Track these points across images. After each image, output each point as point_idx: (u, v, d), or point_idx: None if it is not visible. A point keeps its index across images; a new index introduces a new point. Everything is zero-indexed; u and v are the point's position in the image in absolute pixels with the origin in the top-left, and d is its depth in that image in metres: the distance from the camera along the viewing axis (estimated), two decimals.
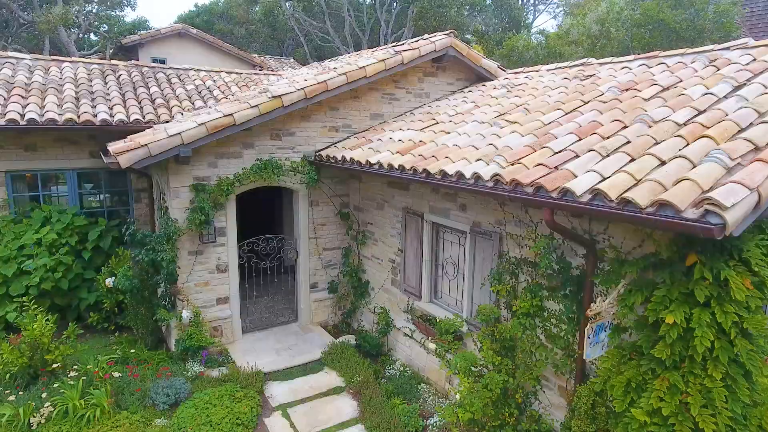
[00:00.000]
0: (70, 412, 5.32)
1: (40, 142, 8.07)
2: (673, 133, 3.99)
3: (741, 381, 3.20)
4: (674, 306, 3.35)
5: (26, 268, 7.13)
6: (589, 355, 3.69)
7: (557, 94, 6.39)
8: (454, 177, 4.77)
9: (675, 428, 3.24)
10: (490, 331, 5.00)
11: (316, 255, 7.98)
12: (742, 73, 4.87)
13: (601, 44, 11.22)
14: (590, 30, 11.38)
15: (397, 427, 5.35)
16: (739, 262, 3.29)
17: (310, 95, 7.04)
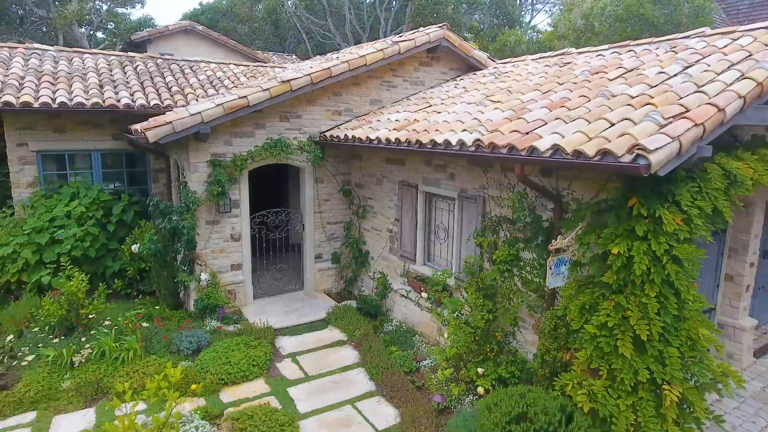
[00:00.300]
0: (106, 354, 6.07)
1: (67, 125, 8.80)
2: (625, 103, 4.74)
3: (671, 298, 3.94)
4: (619, 240, 4.09)
5: (58, 236, 7.86)
6: (551, 283, 4.43)
7: (537, 78, 7.14)
8: (443, 145, 5.51)
9: (618, 337, 3.99)
10: (474, 281, 5.74)
11: (320, 228, 8.73)
12: (693, 56, 5.62)
13: (585, 38, 11.99)
14: (576, 24, 12.17)
15: (393, 367, 6.09)
16: (672, 204, 4.03)
17: (315, 81, 7.78)
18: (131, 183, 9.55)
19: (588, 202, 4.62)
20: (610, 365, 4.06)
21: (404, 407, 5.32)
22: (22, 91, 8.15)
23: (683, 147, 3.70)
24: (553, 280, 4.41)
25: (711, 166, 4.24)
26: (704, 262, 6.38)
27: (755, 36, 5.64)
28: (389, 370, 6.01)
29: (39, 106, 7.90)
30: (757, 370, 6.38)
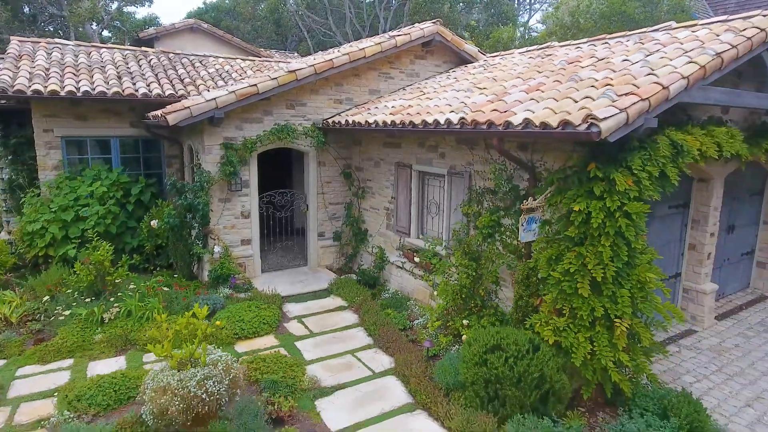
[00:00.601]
0: (132, 312, 6.78)
1: (89, 113, 9.50)
2: (590, 85, 5.45)
3: (623, 247, 4.65)
4: (580, 199, 4.81)
5: (83, 214, 8.57)
6: (523, 238, 5.14)
7: (521, 68, 7.86)
8: (433, 124, 6.23)
9: (578, 280, 4.70)
10: (461, 246, 6.44)
11: (323, 208, 9.44)
12: (656, 46, 6.34)
13: (572, 34, 12.70)
14: (563, 21, 12.89)
15: (389, 325, 6.80)
16: (625, 168, 4.74)
17: (319, 71, 8.50)
18: (146, 168, 10.25)
19: (556, 170, 5.34)
20: (571, 305, 4.78)
21: (398, 355, 6.02)
22: (49, 81, 8.86)
23: (630, 117, 4.40)
24: (524, 235, 5.12)
25: (661, 137, 4.95)
26: (670, 233, 7.15)
27: (711, 28, 6.36)
28: (385, 327, 6.72)
29: (65, 94, 8.60)
30: (716, 330, 7.09)
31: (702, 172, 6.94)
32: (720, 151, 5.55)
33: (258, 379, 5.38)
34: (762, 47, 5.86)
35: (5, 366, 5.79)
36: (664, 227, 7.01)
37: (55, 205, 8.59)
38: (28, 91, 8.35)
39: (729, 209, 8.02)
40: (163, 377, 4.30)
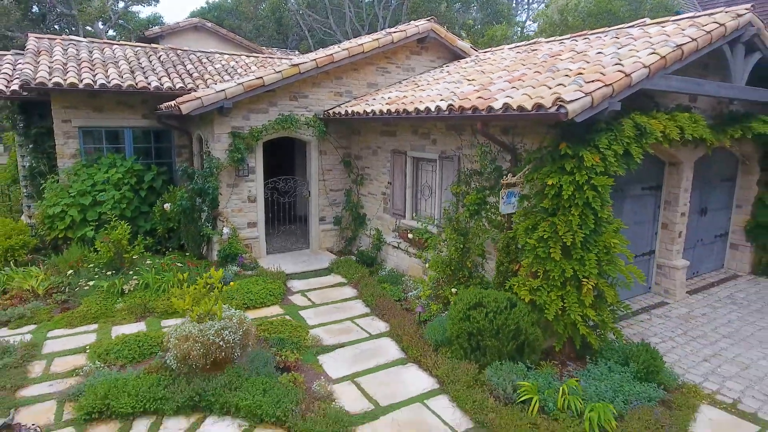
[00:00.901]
0: (149, 285, 7.40)
1: (104, 105, 10.11)
2: (564, 74, 6.06)
3: (590, 216, 5.25)
4: (553, 175, 5.41)
5: (100, 198, 9.18)
6: (503, 210, 5.75)
7: (508, 62, 8.47)
8: (424, 111, 6.84)
9: (550, 246, 5.31)
10: (451, 223, 7.04)
11: (324, 194, 10.05)
12: (628, 40, 6.95)
13: (560, 31, 13.31)
14: (552, 19, 13.50)
15: (384, 297, 7.41)
16: (592, 147, 5.35)
17: (320, 65, 9.10)
18: (157, 157, 10.85)
19: (533, 150, 5.95)
20: (545, 268, 5.39)
21: (393, 320, 6.63)
22: (68, 74, 9.46)
23: (594, 101, 5.01)
24: (504, 207, 5.73)
25: (626, 120, 5.57)
26: (644, 213, 7.77)
27: (679, 24, 6.98)
28: (381, 299, 7.34)
29: (83, 86, 9.21)
30: (687, 302, 7.70)
31: (672, 156, 7.56)
32: (682, 133, 6.17)
33: (267, 337, 5.99)
34: (722, 40, 6.48)
35: (37, 329, 6.40)
36: (639, 207, 7.62)
37: (74, 190, 9.19)
38: (49, 83, 8.96)
39: (701, 193, 8.64)
40: (185, 327, 4.91)
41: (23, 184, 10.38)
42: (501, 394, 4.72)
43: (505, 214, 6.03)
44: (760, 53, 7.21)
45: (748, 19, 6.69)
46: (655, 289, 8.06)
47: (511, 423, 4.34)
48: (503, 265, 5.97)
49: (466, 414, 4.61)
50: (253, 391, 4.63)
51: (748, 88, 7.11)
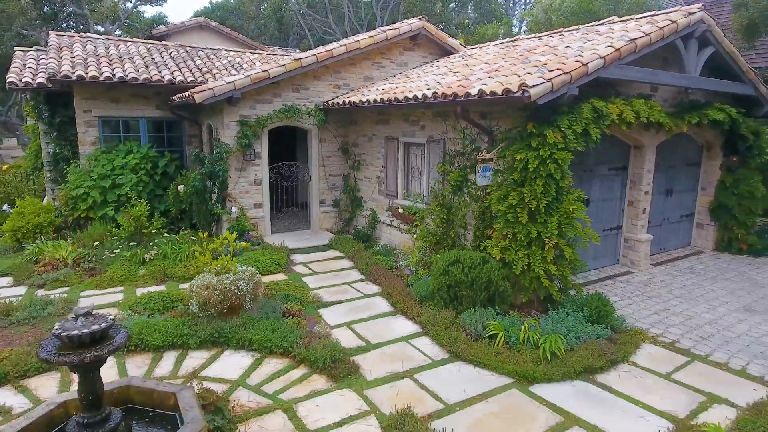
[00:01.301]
0: (167, 255, 8.26)
1: (122, 97, 10.97)
2: (534, 65, 6.92)
3: (552, 185, 6.10)
4: (521, 151, 6.27)
5: (119, 181, 10.04)
6: (479, 182, 6.62)
7: (490, 56, 9.34)
8: (412, 99, 7.70)
9: (518, 211, 6.16)
10: (437, 199, 7.90)
11: (323, 179, 10.92)
12: (595, 36, 7.82)
13: (545, 29, 14.16)
14: (537, 18, 14.36)
15: (378, 266, 8.27)
16: (555, 127, 6.21)
17: (320, 59, 9.97)
18: (170, 145, 11.71)
19: (506, 131, 6.81)
20: (514, 231, 6.25)
21: (384, 284, 7.49)
22: (88, 68, 10.32)
23: (554, 86, 5.87)
24: (480, 180, 6.60)
25: (585, 104, 6.43)
26: (611, 192, 8.63)
27: (640, 22, 7.85)
28: (375, 267, 8.20)
29: (103, 79, 10.07)
30: (650, 271, 8.56)
31: (636, 140, 8.42)
32: (638, 117, 7.04)
33: (273, 295, 6.86)
34: (674, 36, 7.34)
35: (70, 290, 7.26)
36: (607, 186, 8.48)
37: (95, 174, 10.06)
38: (73, 76, 9.82)
39: (666, 176, 9.51)
40: (206, 278, 5.78)
41: (47, 168, 11.24)
42: (473, 332, 5.59)
43: (481, 186, 6.89)
44: (713, 47, 8.07)
45: (699, 17, 7.56)
46: (623, 261, 8.93)
47: (479, 352, 5.20)
48: (479, 231, 6.84)
49: (443, 348, 5.48)
50: (263, 329, 5.50)
51: (701, 79, 7.98)
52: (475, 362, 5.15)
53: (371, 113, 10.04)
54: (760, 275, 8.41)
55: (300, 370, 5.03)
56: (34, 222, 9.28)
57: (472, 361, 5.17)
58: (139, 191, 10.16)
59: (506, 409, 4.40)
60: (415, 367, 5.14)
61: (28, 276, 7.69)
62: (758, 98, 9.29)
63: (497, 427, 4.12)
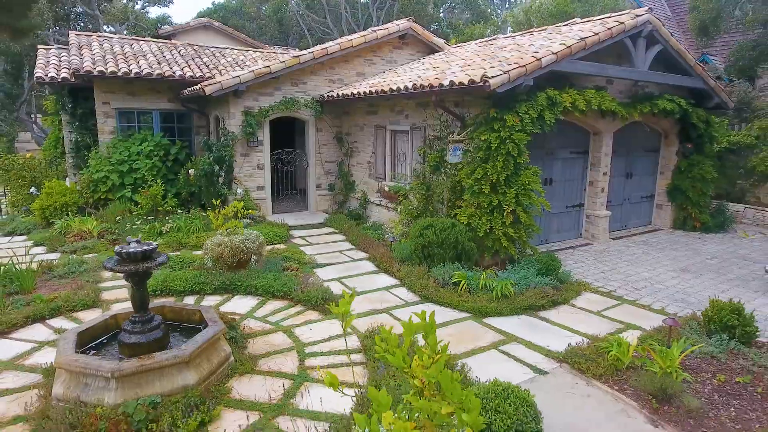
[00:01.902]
0: (182, 228, 9.38)
1: (137, 90, 12.08)
2: (499, 60, 8.04)
3: (510, 161, 7.22)
4: (486, 133, 7.39)
5: (135, 166, 11.16)
6: (450, 159, 7.74)
7: (469, 54, 10.45)
8: (396, 90, 8.81)
9: (483, 184, 7.28)
10: (418, 178, 9.01)
11: (319, 165, 12.03)
12: (557, 35, 8.94)
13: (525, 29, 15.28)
14: (518, 19, 15.46)
15: (366, 238, 9.39)
16: (514, 112, 7.33)
17: (317, 56, 11.09)
18: (180, 135, 12.82)
19: (474, 116, 7.93)
20: (479, 201, 7.37)
21: (371, 251, 8.61)
22: (107, 64, 11.44)
23: (511, 77, 6.98)
24: (451, 158, 7.72)
25: (541, 93, 7.55)
26: (574, 173, 9.74)
27: (595, 23, 8.97)
28: (364, 239, 9.32)
29: (121, 74, 11.19)
30: (608, 243, 9.68)
31: (594, 127, 9.54)
32: (589, 105, 8.15)
33: (275, 257, 7.97)
34: (623, 35, 8.46)
35: (98, 255, 8.36)
36: (569, 168, 9.60)
37: (114, 159, 11.18)
38: (94, 71, 10.94)
39: (626, 160, 10.63)
40: (218, 238, 6.91)
41: (69, 155, 12.36)
42: (441, 281, 6.71)
43: (453, 164, 8.01)
44: (660, 45, 9.18)
45: (645, 19, 8.67)
46: (585, 235, 10.04)
47: (444, 296, 6.33)
48: (451, 202, 7.97)
49: (416, 293, 6.61)
50: (267, 279, 6.62)
51: (649, 72, 9.10)
52: (441, 302, 6.27)
53: (362, 104, 11.16)
54: (703, 246, 9.54)
55: (297, 308, 6.15)
56: (61, 201, 10.39)
57: (439, 302, 6.30)
58: (153, 175, 11.28)
59: (461, 332, 5.52)
60: (391, 306, 6.27)
61: (60, 244, 8.80)
62: (708, 91, 10.41)
63: (453, 341, 5.23)
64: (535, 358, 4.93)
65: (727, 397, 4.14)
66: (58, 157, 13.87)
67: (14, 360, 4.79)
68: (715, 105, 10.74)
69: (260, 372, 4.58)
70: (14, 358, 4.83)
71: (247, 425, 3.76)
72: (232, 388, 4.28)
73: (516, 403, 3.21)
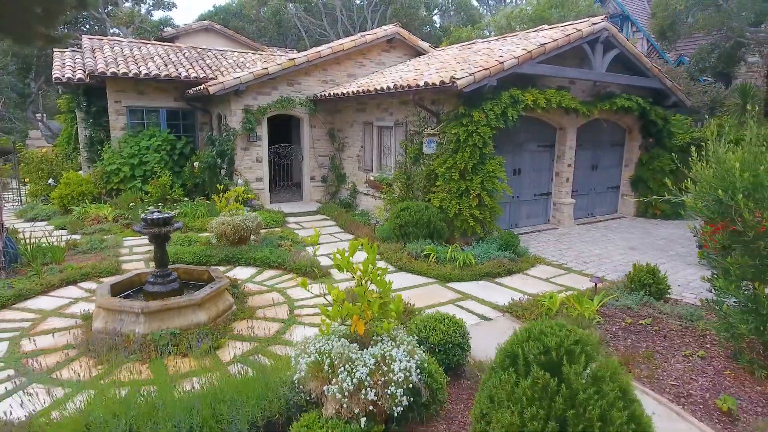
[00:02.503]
0: (188, 213, 10.45)
1: (146, 90, 13.14)
2: (471, 63, 9.10)
3: (477, 151, 8.27)
4: (456, 127, 8.46)
5: (144, 159, 12.23)
6: (426, 150, 8.80)
7: (448, 57, 11.52)
8: (380, 90, 9.88)
9: (453, 171, 8.34)
10: (400, 169, 10.07)
11: (313, 159, 13.09)
12: (522, 41, 10.01)
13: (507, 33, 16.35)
14: (500, 24, 16.53)
15: (354, 223, 10.45)
16: (480, 109, 8.39)
17: (310, 59, 12.15)
18: (184, 131, 13.88)
19: (447, 113, 9.00)
20: (449, 186, 8.43)
21: (357, 233, 9.68)
22: (119, 66, 12.50)
23: (476, 79, 8.04)
24: (426, 149, 8.78)
25: (504, 93, 8.61)
26: (541, 165, 10.80)
27: (557, 29, 10.04)
28: (352, 223, 10.39)
29: (132, 75, 12.25)
30: (572, 228, 10.74)
31: (559, 123, 10.60)
32: (549, 103, 9.20)
33: (271, 236, 9.04)
34: (581, 41, 9.51)
35: (115, 236, 9.43)
36: (537, 160, 10.66)
37: (125, 153, 12.24)
38: (108, 72, 12.01)
39: (592, 153, 11.69)
40: (221, 218, 7.97)
41: (84, 149, 13.42)
42: (414, 254, 7.77)
43: (429, 155, 9.06)
44: (617, 49, 10.24)
45: (602, 26, 9.73)
46: (552, 221, 11.11)
47: (416, 265, 7.39)
48: (426, 188, 9.03)
49: (393, 264, 7.67)
50: (264, 252, 7.69)
51: (605, 74, 10.15)
52: (412, 271, 7.34)
53: (352, 103, 12.22)
54: (656, 230, 10.61)
55: (289, 275, 7.21)
56: (78, 191, 11.45)
57: (411, 271, 7.36)
58: (161, 167, 12.34)
59: (426, 293, 6.58)
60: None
61: (80, 227, 9.86)
62: (665, 90, 11.48)
63: (419, 299, 6.27)
64: (483, 310, 5.99)
65: (628, 334, 5.20)
66: (71, 152, 14.94)
67: (56, 310, 5.85)
68: (673, 103, 11.80)
69: (257, 318, 5.64)
70: (56, 308, 5.89)
71: (247, 349, 4.83)
72: (235, 328, 5.35)
73: (449, 324, 4.28)
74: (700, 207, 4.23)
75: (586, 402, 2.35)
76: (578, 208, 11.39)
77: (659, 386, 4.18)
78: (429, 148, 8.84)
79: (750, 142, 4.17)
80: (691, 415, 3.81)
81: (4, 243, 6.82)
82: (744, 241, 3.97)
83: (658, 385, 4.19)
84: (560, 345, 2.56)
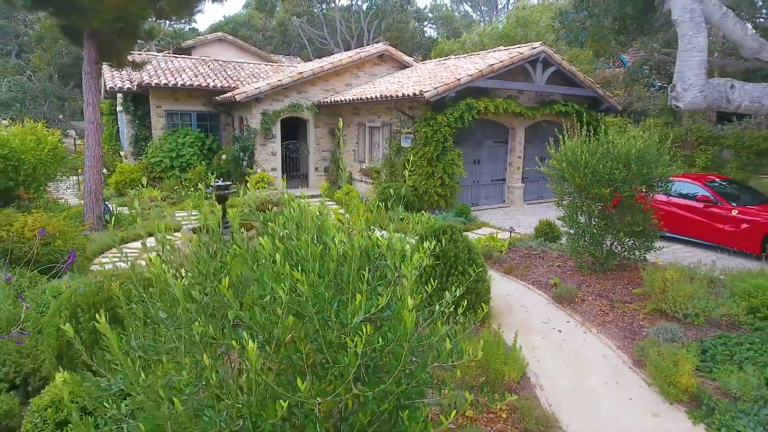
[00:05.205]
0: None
1: (180, 96, 16.05)
2: (438, 78, 12.02)
3: (440, 145, 11.19)
4: (425, 127, 11.39)
5: (181, 153, 15.15)
6: (403, 144, 11.72)
7: (425, 71, 14.46)
8: (370, 98, 12.81)
9: (422, 160, 11.28)
10: (387, 161, 12.99)
11: (317, 153, 16.03)
12: (482, 59, 12.95)
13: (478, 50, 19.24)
14: (473, 41, 19.39)
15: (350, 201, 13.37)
16: (443, 114, 11.31)
17: (315, 72, 15.09)
18: (211, 131, 16.80)
19: (420, 117, 11.91)
20: (420, 170, 11.35)
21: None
22: (160, 78, 15.42)
23: (439, 92, 10.96)
24: (404, 143, 11.71)
25: (462, 101, 11.55)
26: (497, 157, 13.75)
27: (508, 51, 13.00)
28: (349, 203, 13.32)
29: (171, 85, 15.17)
30: (521, 206, 13.67)
31: (511, 124, 13.53)
32: (498, 109, 12.13)
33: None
34: (522, 61, 12.44)
35: (167, 210, 12.35)
36: (494, 153, 13.58)
37: (165, 148, 15.17)
38: (152, 83, 14.94)
39: (541, 148, 14.59)
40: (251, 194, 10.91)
41: (130, 145, 16.37)
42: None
43: (406, 148, 11.99)
44: (554, 67, 13.17)
45: (540, 50, 12.66)
46: (507, 201, 14.03)
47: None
48: (403, 173, 11.96)
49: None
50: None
51: (544, 86, 13.07)
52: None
53: (349, 108, 15.15)
54: None
55: None
56: (130, 178, 14.38)
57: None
58: (195, 160, 15.27)
59: None
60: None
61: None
62: (598, 98, 14.41)
63: None
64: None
65: (526, 259, 8.12)
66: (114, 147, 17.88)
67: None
68: (606, 108, 14.74)
69: None
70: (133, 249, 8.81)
71: None
72: None
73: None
74: (550, 173, 7.16)
75: (448, 249, 5.28)
76: (529, 192, 14.31)
77: (526, 279, 7.12)
78: (406, 142, 11.78)
79: (583, 137, 7.09)
80: (537, 289, 6.74)
81: (105, 208, 9.74)
82: (571, 192, 6.89)
83: (525, 279, 7.13)
84: (441, 227, 5.48)
